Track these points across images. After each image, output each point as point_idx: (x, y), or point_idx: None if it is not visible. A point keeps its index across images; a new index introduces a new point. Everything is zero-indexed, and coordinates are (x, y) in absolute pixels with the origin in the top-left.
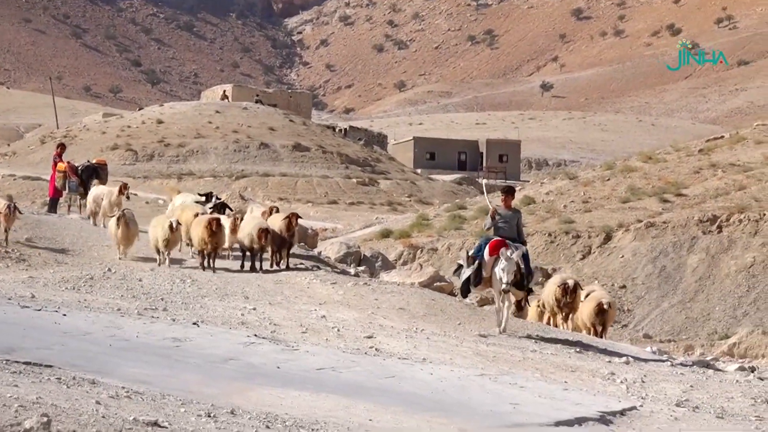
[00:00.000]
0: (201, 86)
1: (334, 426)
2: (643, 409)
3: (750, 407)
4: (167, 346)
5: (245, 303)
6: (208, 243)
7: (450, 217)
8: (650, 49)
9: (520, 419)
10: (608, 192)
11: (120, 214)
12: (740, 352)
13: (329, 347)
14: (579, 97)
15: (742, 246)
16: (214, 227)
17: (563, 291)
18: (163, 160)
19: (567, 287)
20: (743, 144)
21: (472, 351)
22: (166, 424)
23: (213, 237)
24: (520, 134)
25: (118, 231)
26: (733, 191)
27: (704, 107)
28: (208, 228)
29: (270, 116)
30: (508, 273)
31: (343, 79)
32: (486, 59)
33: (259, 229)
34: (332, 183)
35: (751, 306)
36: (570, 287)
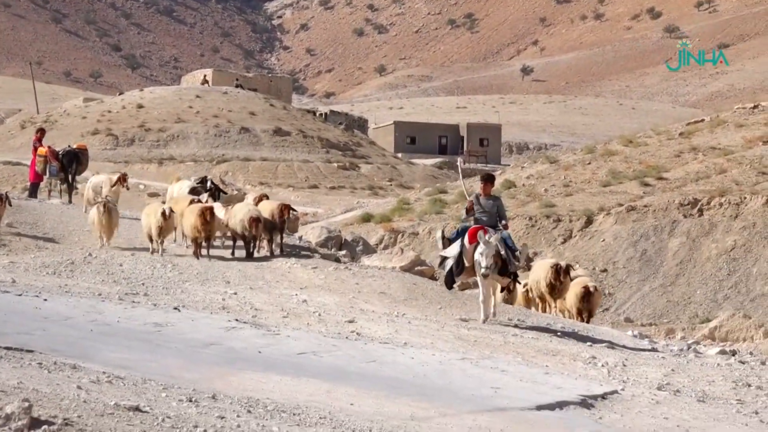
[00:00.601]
0: (181, 71)
1: (315, 410)
2: (625, 393)
3: (731, 391)
4: (148, 330)
5: (226, 288)
6: (202, 231)
7: (431, 201)
8: (630, 33)
9: (501, 403)
10: (589, 176)
11: (103, 202)
12: (721, 336)
13: (310, 332)
14: (559, 81)
15: (723, 229)
16: (207, 216)
17: (556, 273)
18: (143, 145)
19: (560, 269)
20: (724, 127)
21: (453, 335)
22: (148, 409)
23: (206, 225)
24: (500, 118)
25: (101, 220)
26: (713, 175)
27: (684, 91)
28: (201, 217)
29: (250, 101)
30: (486, 257)
31: (323, 64)
32: (466, 43)
33: (250, 217)
34: (313, 167)
35: (732, 290)
36: (562, 269)
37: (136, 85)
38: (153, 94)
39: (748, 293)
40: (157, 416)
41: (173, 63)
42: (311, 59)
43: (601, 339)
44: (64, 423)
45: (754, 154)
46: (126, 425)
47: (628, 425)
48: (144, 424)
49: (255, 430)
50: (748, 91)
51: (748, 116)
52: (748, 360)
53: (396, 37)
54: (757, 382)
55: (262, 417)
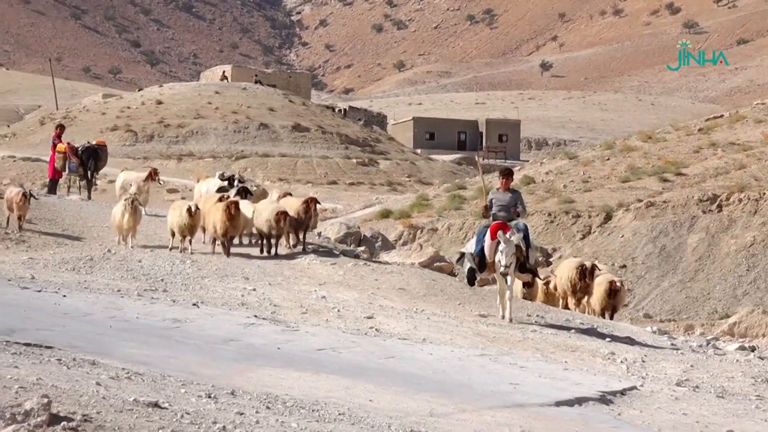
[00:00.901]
0: (200, 67)
1: (334, 406)
2: (644, 389)
3: (750, 386)
4: (167, 327)
5: (245, 284)
6: (228, 227)
7: (450, 197)
8: (649, 29)
9: (520, 399)
10: (608, 171)
11: (130, 199)
12: (740, 332)
13: (329, 328)
14: (578, 76)
15: (742, 225)
16: (232, 210)
17: (581, 274)
18: (162, 141)
19: (585, 270)
20: (743, 123)
21: (472, 331)
22: (167, 405)
23: (232, 221)
24: (519, 114)
25: (124, 218)
26: (733, 170)
27: (704, 86)
28: (226, 212)
29: (269, 97)
30: (507, 255)
31: (342, 60)
32: (485, 39)
33: (277, 212)
34: (332, 163)
35: (752, 285)
36: (588, 270)
37: (155, 81)
38: (172, 90)
39: (767, 289)
40: (176, 412)
41: (192, 59)
42: (330, 55)
43: (620, 335)
44: (83, 419)
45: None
46: (145, 421)
47: (647, 421)
48: (163, 420)
49: (274, 426)
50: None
51: (767, 112)
52: (767, 356)
53: (415, 33)
54: None
55: (281, 413)
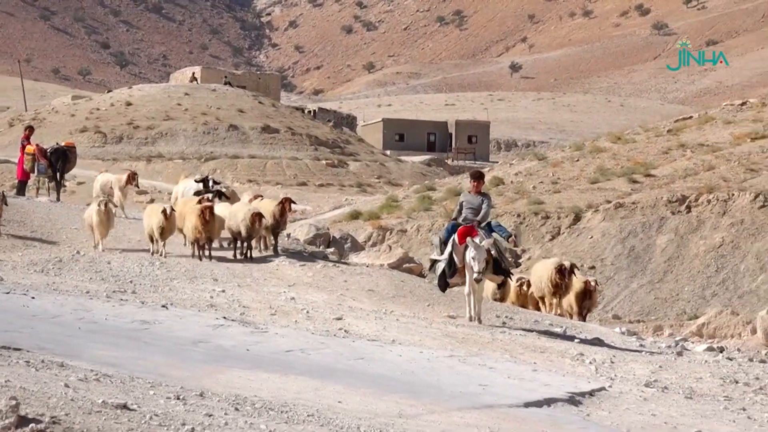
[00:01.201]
0: (170, 68)
1: (303, 408)
2: (612, 390)
3: (719, 387)
4: (136, 328)
5: (214, 285)
6: (202, 232)
7: (419, 198)
8: (619, 30)
9: (489, 400)
10: (577, 173)
11: (104, 201)
12: (709, 333)
13: (298, 329)
14: (548, 77)
15: (711, 226)
16: (207, 216)
17: (560, 274)
18: (132, 143)
19: (564, 269)
20: (712, 124)
21: (441, 332)
22: (135, 407)
23: (206, 226)
24: (489, 115)
25: (100, 220)
26: (701, 171)
27: (673, 88)
28: (201, 217)
29: (239, 98)
30: (479, 261)
31: (312, 61)
32: (455, 40)
33: (252, 214)
34: (301, 165)
35: (720, 286)
36: (567, 269)
37: (125, 82)
38: (142, 91)
39: (735, 290)
40: (145, 414)
41: (162, 60)
42: (300, 56)
43: (589, 336)
44: (51, 421)
45: (742, 151)
46: (113, 423)
47: (615, 422)
48: (132, 422)
49: (242, 427)
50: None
51: (736, 113)
52: (735, 357)
53: (385, 35)
54: (744, 378)
55: (249, 415)
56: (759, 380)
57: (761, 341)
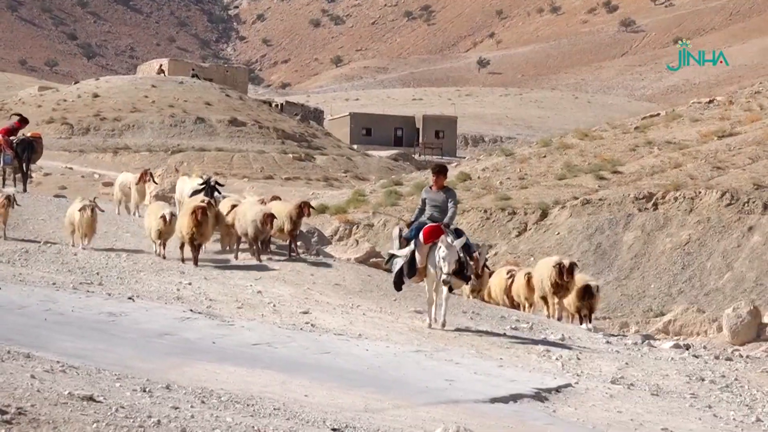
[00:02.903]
0: (137, 60)
1: (269, 401)
2: (579, 386)
3: (685, 385)
4: (103, 320)
5: (181, 278)
6: (195, 234)
7: (386, 193)
8: (587, 26)
9: (455, 396)
10: (544, 169)
11: (90, 206)
12: (675, 330)
13: (265, 323)
14: (515, 73)
15: (678, 223)
16: (199, 216)
17: (559, 272)
18: (99, 134)
19: (563, 268)
20: (679, 122)
21: (407, 327)
22: (102, 399)
23: (199, 227)
24: (456, 110)
25: (87, 221)
26: (668, 169)
27: (640, 85)
28: (193, 217)
29: (206, 91)
30: (449, 263)
31: (279, 54)
32: (423, 35)
33: (264, 214)
34: (268, 158)
35: (686, 283)
36: (566, 267)
37: (92, 74)
38: (108, 83)
39: (702, 287)
40: (111, 406)
41: (129, 52)
42: (267, 50)
43: (556, 333)
44: (17, 412)
45: (708, 149)
46: (80, 414)
47: (581, 418)
48: (98, 414)
49: (209, 420)
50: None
51: (703, 111)
52: (701, 354)
53: (352, 29)
54: (710, 376)
55: (216, 407)
56: (725, 378)
57: (727, 339)
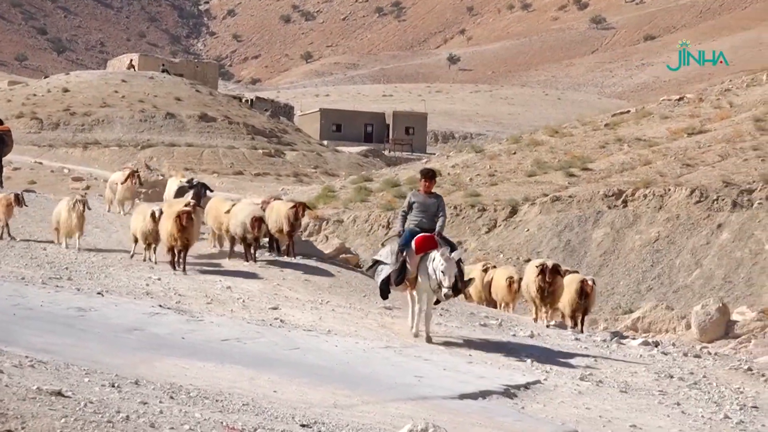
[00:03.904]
0: (107, 55)
1: (238, 397)
2: (548, 383)
3: (653, 382)
4: (72, 315)
5: (150, 273)
6: (178, 239)
7: (356, 189)
8: (557, 23)
9: (424, 392)
10: (514, 166)
11: (83, 201)
12: (644, 327)
13: (234, 318)
14: (486, 70)
15: (647, 221)
16: (183, 221)
17: (543, 276)
18: (68, 129)
19: (545, 269)
20: (649, 119)
21: (377, 323)
22: (70, 394)
23: (182, 232)
24: (426, 107)
25: (77, 219)
26: (638, 166)
27: (611, 82)
28: (177, 222)
29: (176, 86)
30: (449, 276)
31: (249, 50)
32: (393, 31)
33: (252, 217)
34: (238, 154)
35: (655, 281)
36: (549, 269)
37: (62, 68)
38: (79, 78)
39: (671, 284)
40: (80, 401)
41: (99, 47)
42: (238, 45)
43: (525, 329)
44: None
45: (678, 146)
46: (48, 409)
47: (550, 415)
48: (66, 409)
49: (177, 416)
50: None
51: (673, 108)
52: (670, 351)
53: (323, 25)
54: (679, 373)
55: (184, 403)
56: (693, 375)
57: (696, 336)
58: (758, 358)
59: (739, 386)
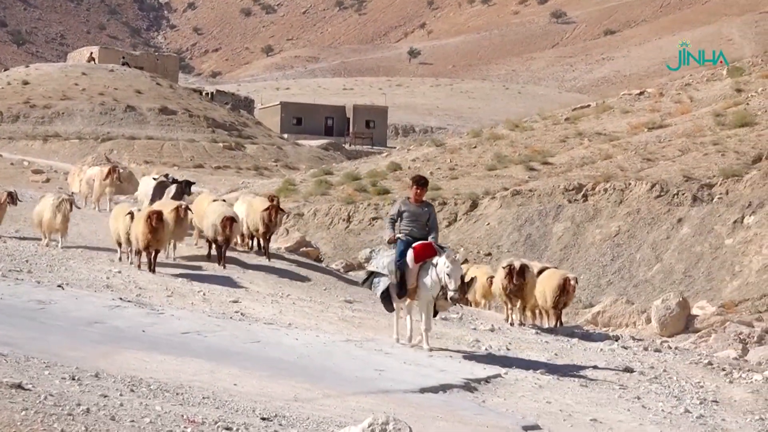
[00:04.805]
0: (67, 48)
1: (198, 390)
2: (508, 377)
3: (614, 376)
4: (32, 308)
5: (110, 266)
6: (150, 240)
7: (316, 182)
8: (518, 18)
9: (385, 385)
10: (475, 159)
11: (69, 200)
12: (604, 321)
13: (195, 311)
14: (446, 64)
15: (608, 215)
16: (153, 222)
17: (509, 276)
18: (28, 122)
19: (512, 270)
20: (609, 113)
21: (337, 317)
22: (30, 387)
23: (154, 234)
24: (387, 100)
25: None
26: (599, 160)
27: (571, 76)
28: (148, 223)
29: (136, 79)
30: (454, 279)
31: (210, 43)
32: (354, 25)
33: (223, 218)
34: (198, 147)
35: (616, 275)
36: (515, 269)
37: (22, 61)
38: (39, 70)
39: (631, 279)
40: (40, 394)
41: (59, 40)
42: (198, 38)
43: (486, 323)
44: None
45: (639, 141)
46: (8, 402)
47: (511, 408)
48: (26, 402)
49: (138, 408)
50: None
51: (633, 102)
52: (630, 345)
53: (283, 18)
54: (639, 367)
55: (145, 396)
56: (654, 369)
57: (656, 330)
58: (718, 353)
59: (699, 380)
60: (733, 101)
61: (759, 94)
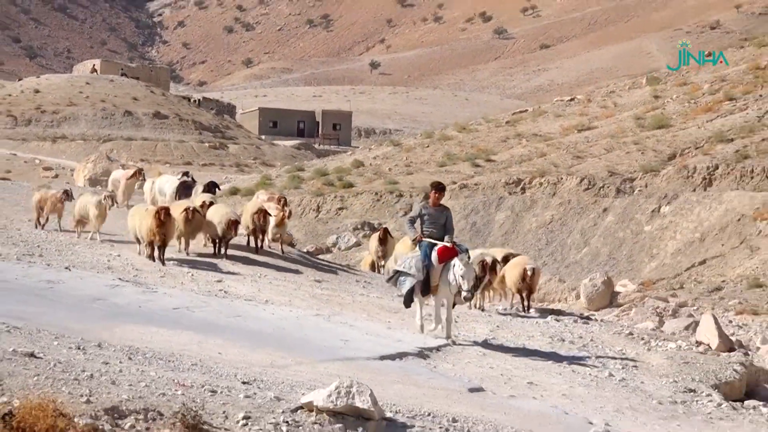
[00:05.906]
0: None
1: (188, 358)
2: (456, 346)
3: (548, 345)
4: (43, 287)
5: (111, 250)
6: (157, 234)
7: (290, 177)
8: (465, 34)
9: (349, 354)
10: (428, 157)
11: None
12: (540, 297)
13: (184, 290)
14: (403, 74)
15: (542, 205)
16: (162, 217)
17: (482, 269)
18: (39, 125)
19: (485, 265)
20: (544, 117)
21: (308, 294)
22: (41, 355)
23: (161, 228)
24: (351, 106)
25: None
26: (535, 158)
27: (511, 84)
28: (156, 218)
29: (133, 88)
30: (468, 280)
31: (197, 56)
32: (323, 40)
33: (228, 219)
34: (187, 147)
35: (550, 257)
36: (487, 265)
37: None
38: (48, 80)
39: (563, 261)
40: (50, 361)
41: (66, 53)
42: (187, 52)
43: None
44: None
45: (570, 141)
46: (22, 369)
47: (458, 373)
48: (38, 368)
49: (135, 374)
50: (566, 86)
51: (565, 108)
52: (562, 318)
53: (261, 34)
54: (570, 337)
55: (141, 363)
56: (582, 339)
57: (584, 305)
58: (638, 324)
59: (621, 348)
60: (651, 106)
61: (674, 101)
